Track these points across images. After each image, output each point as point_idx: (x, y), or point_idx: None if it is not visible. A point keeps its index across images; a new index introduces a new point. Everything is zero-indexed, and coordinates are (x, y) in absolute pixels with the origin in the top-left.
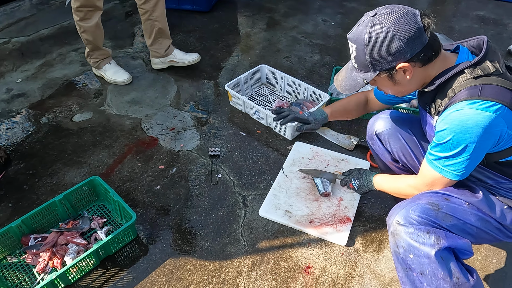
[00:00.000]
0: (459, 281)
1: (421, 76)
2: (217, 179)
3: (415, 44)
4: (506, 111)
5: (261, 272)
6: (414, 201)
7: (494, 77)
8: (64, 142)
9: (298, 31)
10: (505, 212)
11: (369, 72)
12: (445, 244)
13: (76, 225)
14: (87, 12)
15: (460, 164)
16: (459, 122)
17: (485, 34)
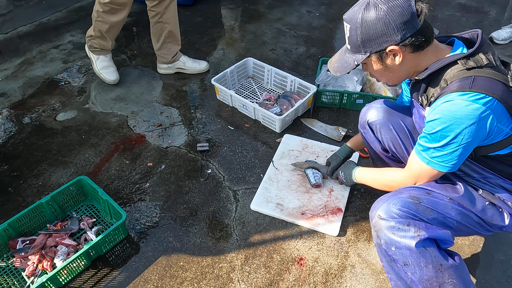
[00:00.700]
0: (442, 267)
1: (412, 63)
2: (206, 175)
3: (407, 28)
4: (496, 104)
5: (254, 266)
6: (396, 195)
7: (486, 69)
8: (49, 142)
9: (283, 23)
10: (487, 208)
11: (360, 53)
12: (425, 236)
13: (65, 226)
14: (113, 8)
15: (448, 156)
16: (449, 113)
17: (467, 22)
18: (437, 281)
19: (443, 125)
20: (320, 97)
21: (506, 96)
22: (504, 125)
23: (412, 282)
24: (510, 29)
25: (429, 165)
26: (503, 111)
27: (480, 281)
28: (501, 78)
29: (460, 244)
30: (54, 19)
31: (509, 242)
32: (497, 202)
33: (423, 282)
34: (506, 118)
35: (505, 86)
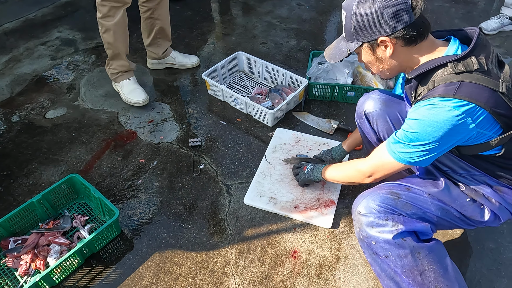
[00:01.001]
0: (420, 255)
1: (404, 57)
2: (199, 170)
3: (399, 20)
4: (479, 111)
5: (248, 260)
6: (375, 191)
7: (476, 75)
8: (39, 140)
9: (273, 16)
10: (467, 204)
11: (353, 42)
12: (403, 229)
13: (57, 225)
14: (111, 8)
15: (416, 153)
16: (429, 116)
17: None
18: (418, 269)
19: (421, 126)
20: (312, 90)
21: (492, 102)
22: (486, 130)
23: (395, 273)
24: (498, 19)
25: (394, 158)
26: (487, 117)
27: (471, 269)
28: (490, 83)
29: (452, 233)
30: (41, 15)
31: (498, 230)
32: (480, 199)
33: (405, 272)
34: (490, 123)
35: (492, 91)
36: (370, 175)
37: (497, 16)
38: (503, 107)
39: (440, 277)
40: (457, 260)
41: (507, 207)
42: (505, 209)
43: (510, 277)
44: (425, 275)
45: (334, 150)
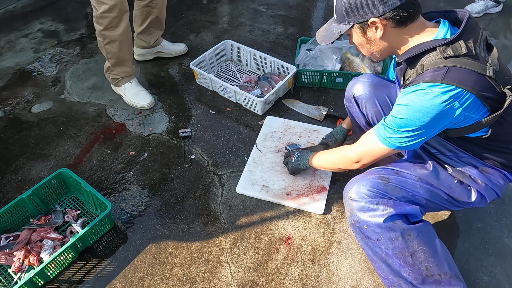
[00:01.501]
0: (410, 237)
1: (394, 38)
2: (190, 160)
3: (390, 1)
4: (466, 95)
5: (243, 248)
6: (366, 176)
7: (463, 59)
8: (25, 136)
9: (259, 2)
10: (455, 186)
11: (344, 23)
12: (393, 212)
13: (49, 220)
14: (113, 18)
15: (404, 138)
16: (417, 101)
17: None
18: (408, 250)
19: (409, 112)
20: (300, 77)
21: (479, 86)
22: (474, 113)
23: (386, 255)
24: (483, 2)
25: (383, 143)
26: (474, 100)
27: (459, 249)
28: (477, 68)
29: (441, 214)
30: (21, 7)
31: (485, 210)
32: (466, 181)
33: (396, 254)
34: (477, 107)
35: (480, 75)
36: (357, 160)
37: None
38: (490, 91)
39: (430, 257)
40: (446, 240)
41: (492, 187)
42: (491, 189)
43: (497, 254)
44: (415, 256)
45: (334, 131)
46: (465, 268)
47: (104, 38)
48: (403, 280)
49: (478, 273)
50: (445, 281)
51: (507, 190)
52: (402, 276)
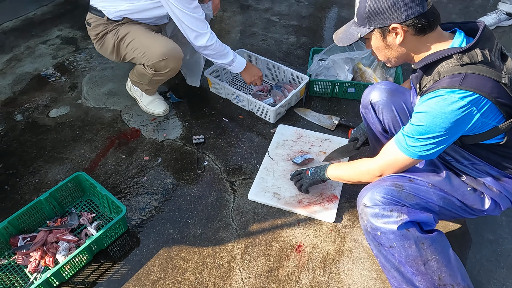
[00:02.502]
0: (424, 246)
1: (412, 46)
2: (203, 167)
3: (413, 9)
4: (483, 101)
5: (254, 254)
6: (379, 183)
7: (480, 66)
8: (43, 139)
9: (272, 12)
10: (468, 193)
11: (365, 27)
12: (407, 219)
13: (65, 222)
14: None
15: (426, 146)
16: (435, 106)
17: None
18: (422, 259)
19: (429, 118)
20: (312, 86)
21: (496, 92)
22: (490, 119)
23: (399, 263)
24: (495, 15)
25: (405, 153)
26: (491, 107)
27: (471, 260)
28: (493, 75)
29: (452, 226)
30: (40, 14)
31: (497, 222)
32: (480, 188)
33: (409, 262)
34: (493, 113)
35: (496, 82)
36: (380, 174)
37: (494, 11)
38: (506, 97)
39: (443, 267)
40: (458, 251)
41: (507, 195)
42: (505, 197)
43: (509, 267)
44: (428, 264)
45: (362, 124)
46: (476, 280)
47: (152, 75)
48: None
49: (490, 285)
50: None
51: None
52: (414, 284)
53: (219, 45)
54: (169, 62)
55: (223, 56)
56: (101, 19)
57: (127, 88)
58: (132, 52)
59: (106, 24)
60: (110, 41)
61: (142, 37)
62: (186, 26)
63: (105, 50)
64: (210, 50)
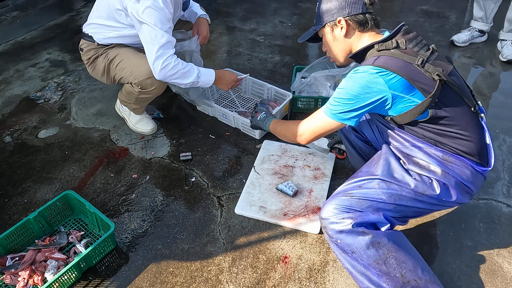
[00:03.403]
0: (380, 245)
1: (354, 39)
2: (191, 183)
3: (355, 7)
4: (391, 75)
5: (241, 267)
6: (333, 196)
7: (393, 51)
8: (32, 160)
9: (257, 33)
10: (415, 182)
11: (319, 23)
12: (356, 221)
13: (53, 241)
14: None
15: (339, 106)
16: (352, 76)
17: (429, 27)
18: (381, 258)
19: (345, 83)
20: (296, 103)
21: (407, 71)
22: (404, 93)
23: (364, 267)
24: (468, 32)
25: (327, 115)
26: (401, 81)
27: (451, 267)
28: (405, 57)
29: (433, 233)
30: (30, 38)
31: (476, 229)
32: (426, 172)
33: (371, 263)
34: (404, 87)
35: (407, 63)
36: (301, 134)
37: (467, 29)
38: (418, 75)
39: (401, 263)
40: (438, 257)
41: (455, 176)
42: (453, 178)
43: (487, 272)
44: (388, 263)
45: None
46: (456, 285)
47: (139, 93)
48: None
49: None
50: (422, 286)
51: (495, 210)
52: (381, 286)
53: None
54: (155, 80)
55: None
56: (92, 44)
57: (116, 108)
58: (121, 72)
59: (96, 49)
60: (101, 64)
61: (131, 57)
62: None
63: (97, 73)
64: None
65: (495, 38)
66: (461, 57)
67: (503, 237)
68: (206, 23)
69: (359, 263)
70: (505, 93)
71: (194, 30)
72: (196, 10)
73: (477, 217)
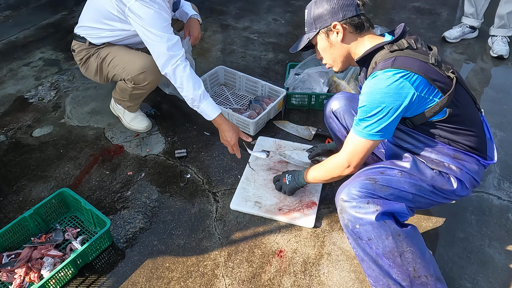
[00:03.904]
0: (400, 237)
1: (352, 44)
2: (186, 179)
3: (348, 10)
4: (413, 76)
5: (237, 261)
6: (354, 179)
7: (406, 51)
8: (27, 158)
9: (250, 31)
10: (435, 176)
11: (312, 30)
12: (383, 209)
13: (50, 238)
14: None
15: (374, 124)
16: (373, 85)
17: (421, 24)
18: (398, 250)
19: (369, 97)
20: (290, 99)
21: (424, 69)
22: (425, 93)
23: (377, 255)
24: (460, 28)
25: (361, 136)
26: (423, 81)
27: (443, 258)
28: (420, 57)
29: (425, 226)
30: (23, 37)
31: (467, 221)
32: (443, 169)
33: (386, 253)
34: (427, 88)
35: (423, 62)
36: (348, 164)
37: (459, 25)
38: (435, 74)
39: (417, 258)
40: (431, 249)
41: (468, 172)
42: (467, 174)
43: (479, 263)
44: (404, 256)
45: (328, 145)
46: (449, 276)
47: (132, 89)
48: (392, 281)
49: (462, 281)
50: (431, 283)
51: (486, 202)
52: (391, 277)
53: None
54: (148, 75)
55: (195, 81)
56: (84, 44)
57: (110, 107)
58: (113, 69)
59: (88, 49)
60: (94, 63)
61: (122, 54)
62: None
63: (90, 73)
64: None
65: (486, 34)
66: (452, 53)
67: (494, 228)
68: (197, 24)
69: (373, 251)
70: (495, 88)
71: (185, 31)
72: (187, 10)
73: (469, 209)
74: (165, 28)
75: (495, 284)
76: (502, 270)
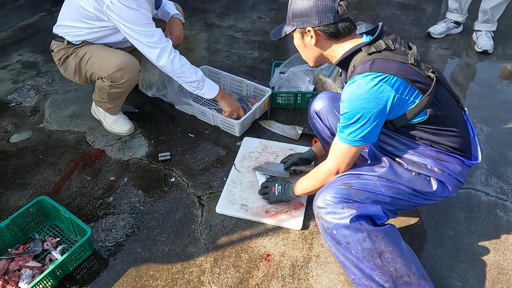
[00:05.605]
0: (377, 238)
1: (327, 48)
2: (170, 183)
3: (325, 17)
4: (393, 78)
5: (224, 267)
6: (330, 185)
7: (384, 52)
8: (3, 165)
9: (235, 29)
10: (414, 178)
11: (290, 26)
12: (357, 213)
13: (28, 249)
14: (124, 83)
15: (358, 130)
16: (352, 91)
17: (406, 19)
18: (376, 251)
19: (350, 103)
20: (276, 99)
21: (403, 71)
22: (406, 95)
23: (358, 260)
24: (444, 24)
25: (346, 143)
26: (402, 83)
27: (432, 256)
28: (398, 58)
29: (414, 224)
30: (0, 39)
31: (456, 218)
32: (424, 171)
33: (366, 256)
34: (407, 89)
35: (401, 63)
36: (337, 171)
37: (443, 21)
38: (415, 75)
39: (397, 258)
40: (419, 248)
41: (451, 174)
42: (449, 176)
43: (468, 260)
44: (383, 256)
45: (305, 153)
46: (438, 275)
47: (110, 88)
48: (375, 283)
49: (451, 279)
50: (414, 282)
51: (474, 199)
52: (374, 279)
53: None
54: (125, 72)
55: (192, 68)
56: (62, 44)
57: (91, 110)
58: (91, 68)
59: (66, 48)
60: (72, 63)
61: (99, 52)
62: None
63: (69, 73)
64: (177, 62)
65: (470, 29)
66: (437, 48)
67: (482, 225)
68: (179, 23)
69: (353, 255)
70: (481, 83)
71: (167, 31)
72: (169, 9)
73: (457, 206)
74: (147, 24)
75: (484, 281)
76: (491, 267)
